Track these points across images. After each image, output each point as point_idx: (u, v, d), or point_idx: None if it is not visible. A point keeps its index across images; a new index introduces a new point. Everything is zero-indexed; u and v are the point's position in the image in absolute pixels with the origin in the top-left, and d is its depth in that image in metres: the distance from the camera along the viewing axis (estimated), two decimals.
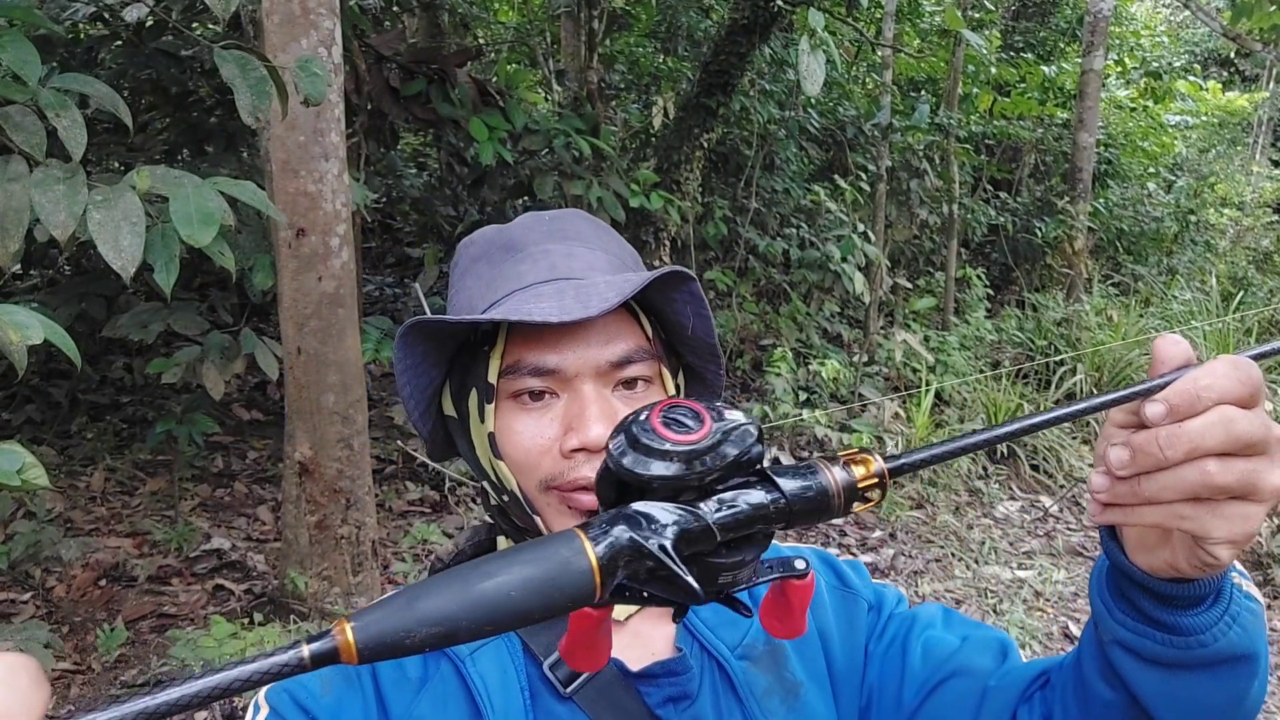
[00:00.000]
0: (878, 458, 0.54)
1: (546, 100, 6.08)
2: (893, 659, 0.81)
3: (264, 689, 0.72)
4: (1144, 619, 0.60)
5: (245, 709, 0.72)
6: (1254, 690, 0.61)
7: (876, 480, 0.53)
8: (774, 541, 0.87)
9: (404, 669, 0.74)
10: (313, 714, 0.71)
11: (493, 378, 0.73)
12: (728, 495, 0.51)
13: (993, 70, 7.52)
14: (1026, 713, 0.74)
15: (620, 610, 0.76)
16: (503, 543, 0.81)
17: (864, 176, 6.18)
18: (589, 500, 0.69)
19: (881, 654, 0.82)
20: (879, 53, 6.59)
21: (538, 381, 0.71)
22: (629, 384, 0.73)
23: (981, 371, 6.19)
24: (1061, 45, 8.87)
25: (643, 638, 0.77)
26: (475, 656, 0.74)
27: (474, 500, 4.14)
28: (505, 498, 0.75)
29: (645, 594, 0.53)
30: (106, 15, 3.69)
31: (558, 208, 5.15)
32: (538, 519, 0.73)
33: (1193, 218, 9.15)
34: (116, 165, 3.72)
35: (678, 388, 0.79)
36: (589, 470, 0.69)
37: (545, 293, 0.72)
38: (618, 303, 0.67)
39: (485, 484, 0.78)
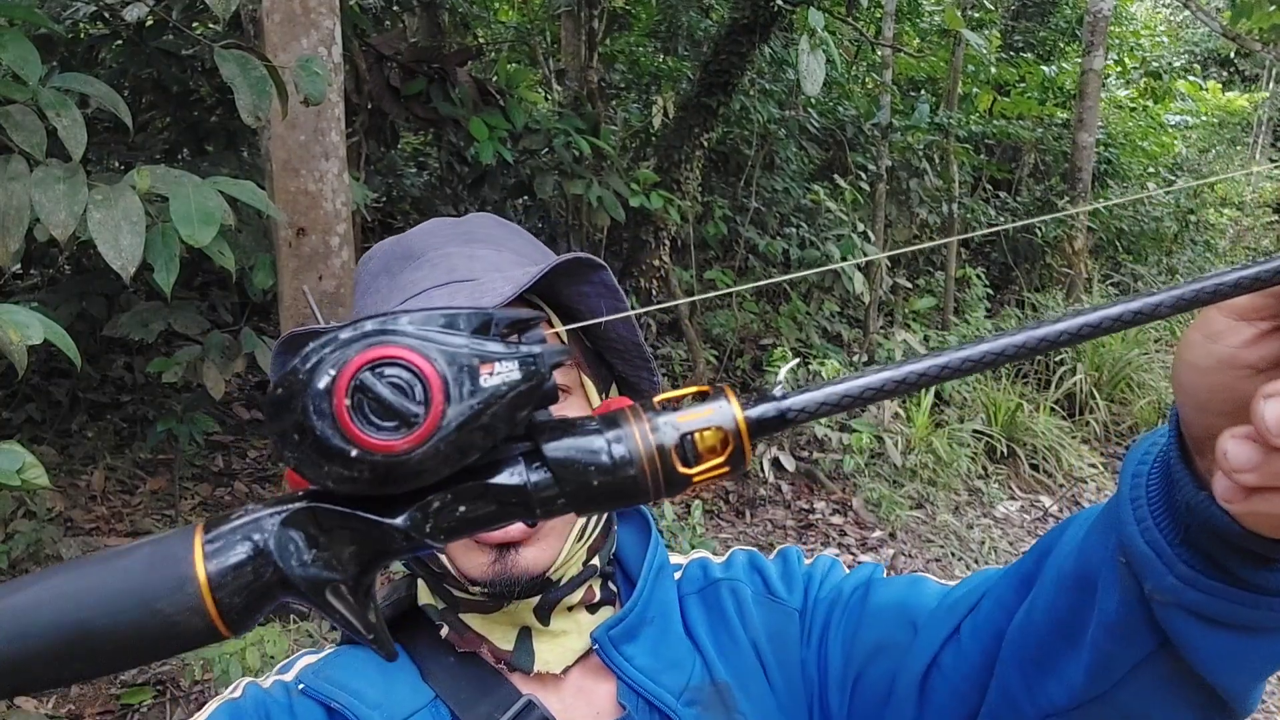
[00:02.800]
0: (728, 400, 0.36)
1: (546, 100, 6.08)
2: (820, 660, 0.73)
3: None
4: (1226, 577, 0.44)
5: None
6: None
7: (721, 438, 0.35)
8: (706, 555, 0.80)
9: None
10: None
11: None
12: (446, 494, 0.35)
13: (993, 70, 7.52)
14: (953, 654, 0.63)
15: (557, 661, 0.69)
16: (424, 593, 0.72)
17: (864, 176, 6.18)
18: (493, 534, 0.62)
19: (814, 658, 0.73)
20: (879, 52, 6.59)
21: None
22: None
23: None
24: (1061, 45, 8.87)
25: (586, 694, 0.70)
26: None
27: None
28: None
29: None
30: (106, 14, 3.69)
31: (558, 207, 5.15)
32: (443, 558, 0.65)
33: (1192, 218, 9.15)
34: (116, 165, 3.71)
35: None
36: None
37: (436, 296, 0.64)
38: (512, 295, 0.59)
39: None
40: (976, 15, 7.39)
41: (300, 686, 0.68)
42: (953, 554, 4.49)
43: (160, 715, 2.66)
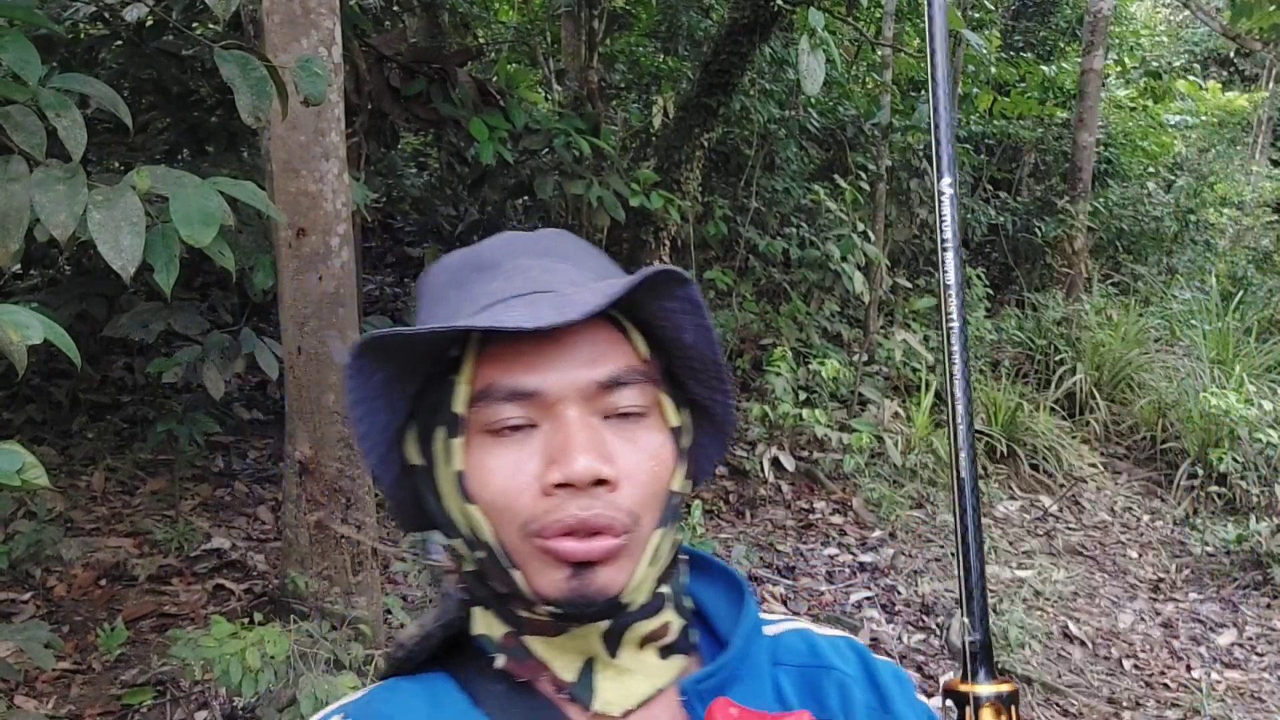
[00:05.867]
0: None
1: (547, 100, 6.08)
2: None
3: None
4: None
5: (244, 708, 0.69)
6: None
7: None
8: (809, 628, 0.75)
9: None
10: None
11: (460, 407, 0.62)
12: None
13: (993, 70, 7.52)
14: None
15: (618, 703, 0.65)
16: (479, 619, 0.68)
17: (864, 176, 6.18)
18: (575, 548, 0.60)
19: None
20: (879, 52, 6.59)
21: (514, 409, 0.61)
22: (623, 413, 0.63)
23: (982, 371, 6.19)
24: (1061, 45, 8.87)
25: None
26: None
27: None
28: (481, 554, 0.64)
29: None
30: (107, 15, 3.70)
31: (558, 207, 5.15)
32: (517, 574, 0.62)
33: (1192, 217, 9.16)
34: (116, 165, 3.72)
35: (682, 426, 0.68)
36: (576, 509, 0.59)
37: (517, 304, 0.63)
38: (601, 306, 0.58)
39: (458, 544, 0.66)
40: (976, 15, 7.39)
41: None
42: (952, 553, 4.48)
43: (160, 715, 2.66)
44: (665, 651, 0.67)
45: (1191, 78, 10.43)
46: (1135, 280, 8.70)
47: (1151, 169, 9.69)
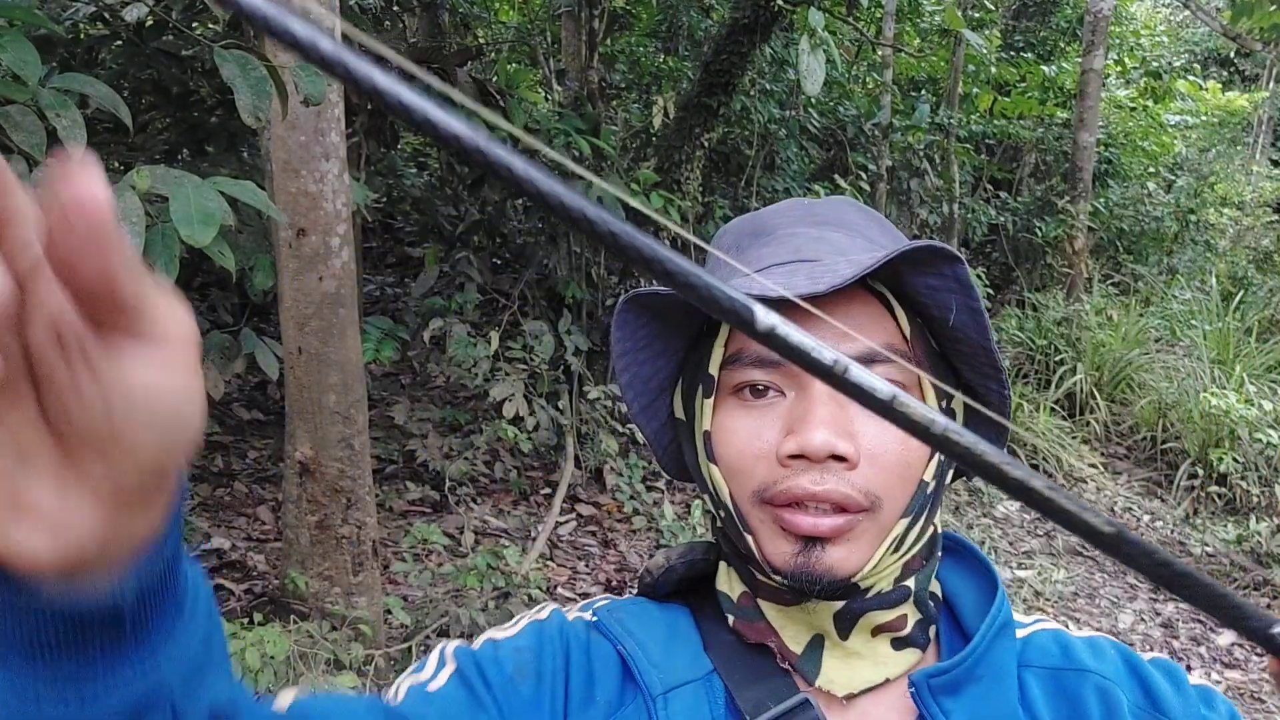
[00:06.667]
0: None
1: (547, 100, 6.08)
2: None
3: (452, 646, 0.66)
4: None
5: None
6: None
7: None
8: (1061, 629, 0.72)
9: (594, 691, 0.65)
10: (491, 688, 0.63)
11: (713, 368, 0.64)
12: None
13: (993, 70, 7.52)
14: None
15: (842, 684, 0.64)
16: (723, 575, 0.69)
17: (864, 176, 6.18)
18: (803, 522, 0.59)
19: None
20: (879, 52, 6.59)
21: (761, 374, 0.61)
22: None
23: None
24: (1062, 45, 8.87)
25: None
26: (670, 698, 0.63)
27: (474, 500, 4.14)
28: (722, 513, 0.65)
29: None
30: (106, 15, 3.69)
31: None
32: (749, 538, 0.62)
33: (1193, 217, 9.16)
34: (116, 165, 3.71)
35: (950, 411, 0.65)
36: (807, 481, 0.58)
37: (777, 272, 0.63)
38: (852, 278, 0.57)
39: (707, 498, 0.67)
40: (977, 15, 7.39)
41: (594, 619, 0.68)
42: None
43: None
44: (899, 643, 0.65)
45: (1191, 78, 10.43)
46: (1135, 280, 8.70)
47: (1152, 169, 9.69)
